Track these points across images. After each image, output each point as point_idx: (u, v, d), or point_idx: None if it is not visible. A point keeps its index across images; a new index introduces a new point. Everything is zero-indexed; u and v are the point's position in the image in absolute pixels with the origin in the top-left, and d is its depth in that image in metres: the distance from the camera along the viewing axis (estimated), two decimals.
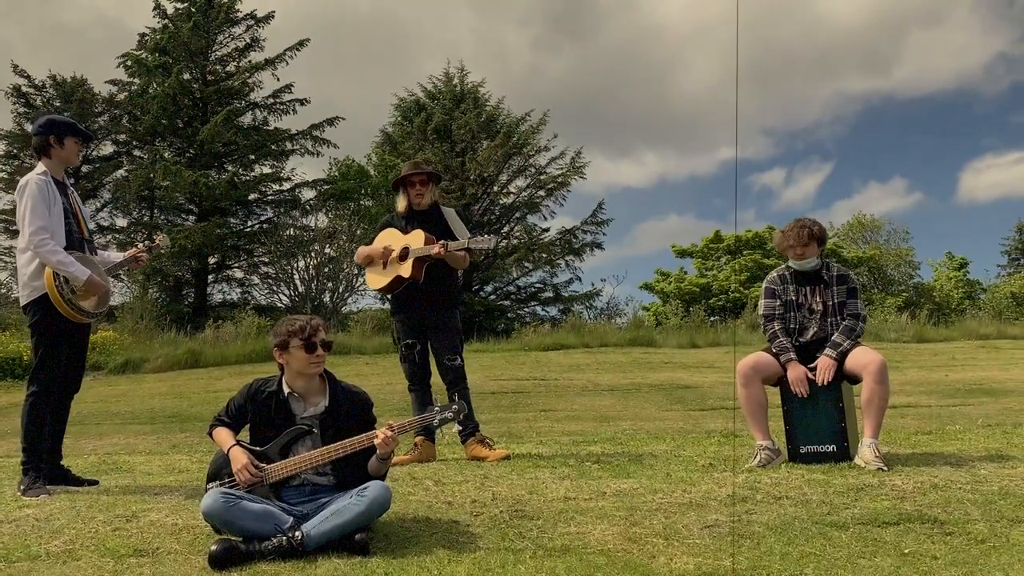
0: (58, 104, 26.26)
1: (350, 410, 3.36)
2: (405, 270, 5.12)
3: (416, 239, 5.15)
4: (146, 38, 26.90)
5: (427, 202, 5.30)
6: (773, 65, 53.00)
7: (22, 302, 4.47)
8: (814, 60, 52.56)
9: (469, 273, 24.66)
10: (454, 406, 3.38)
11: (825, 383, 4.44)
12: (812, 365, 4.51)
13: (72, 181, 4.69)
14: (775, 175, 53.96)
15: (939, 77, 51.69)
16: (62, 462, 4.60)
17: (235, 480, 3.20)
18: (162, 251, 5.10)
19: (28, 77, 26.63)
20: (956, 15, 51.89)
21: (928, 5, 52.85)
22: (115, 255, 4.92)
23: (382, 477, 3.35)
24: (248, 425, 3.41)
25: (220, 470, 3.29)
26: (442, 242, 5.04)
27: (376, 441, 3.20)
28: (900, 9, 52.93)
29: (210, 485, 3.26)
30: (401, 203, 5.35)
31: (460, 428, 5.13)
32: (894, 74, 50.79)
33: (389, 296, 5.37)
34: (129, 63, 26.71)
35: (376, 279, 5.28)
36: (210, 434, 3.43)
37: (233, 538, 2.97)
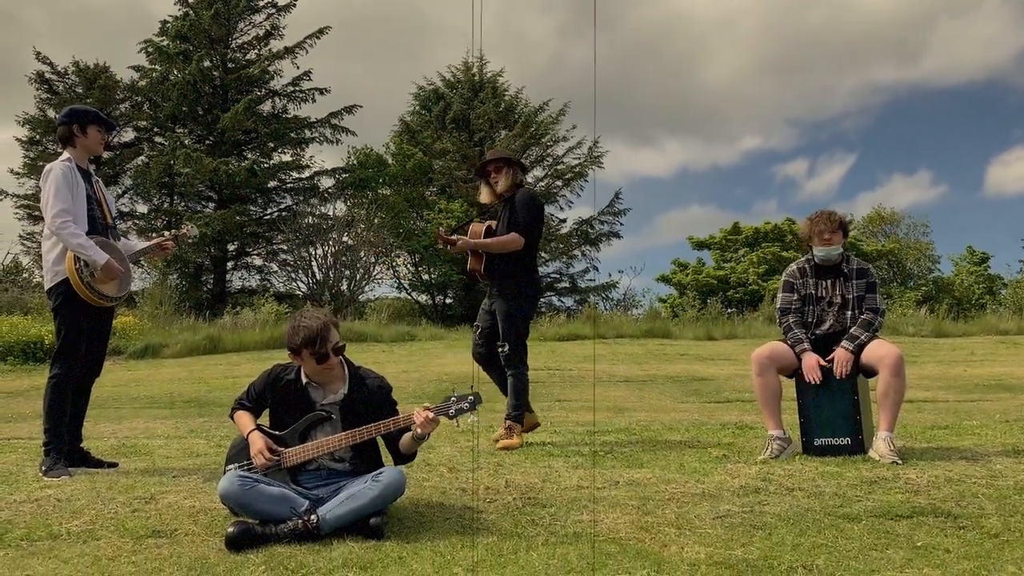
0: (80, 91, 26.47)
1: (370, 396, 3.39)
2: (469, 261, 5.33)
3: (477, 229, 5.35)
4: (167, 25, 27.06)
5: (504, 187, 5.36)
6: (800, 54, 52.56)
7: (46, 286, 4.54)
8: (842, 49, 51.96)
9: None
10: (470, 397, 3.39)
11: (843, 376, 4.43)
12: (829, 357, 4.50)
13: (94, 167, 4.75)
14: (798, 166, 53.57)
15: (969, 68, 50.93)
16: (82, 444, 4.67)
17: (252, 464, 3.25)
18: (189, 240, 5.15)
19: (51, 64, 26.87)
20: (987, 5, 51.11)
21: None
22: (140, 243, 4.98)
23: (412, 456, 3.39)
24: (268, 410, 3.46)
25: (239, 455, 3.34)
26: (452, 237, 5.25)
27: (418, 420, 3.22)
28: None
29: (228, 467, 3.31)
30: (483, 192, 5.48)
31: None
32: (923, 64, 50.11)
33: None
34: (150, 50, 26.89)
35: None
36: (231, 416, 3.48)
37: (249, 521, 3.01)
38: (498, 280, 5.27)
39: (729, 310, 24.83)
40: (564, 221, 28.59)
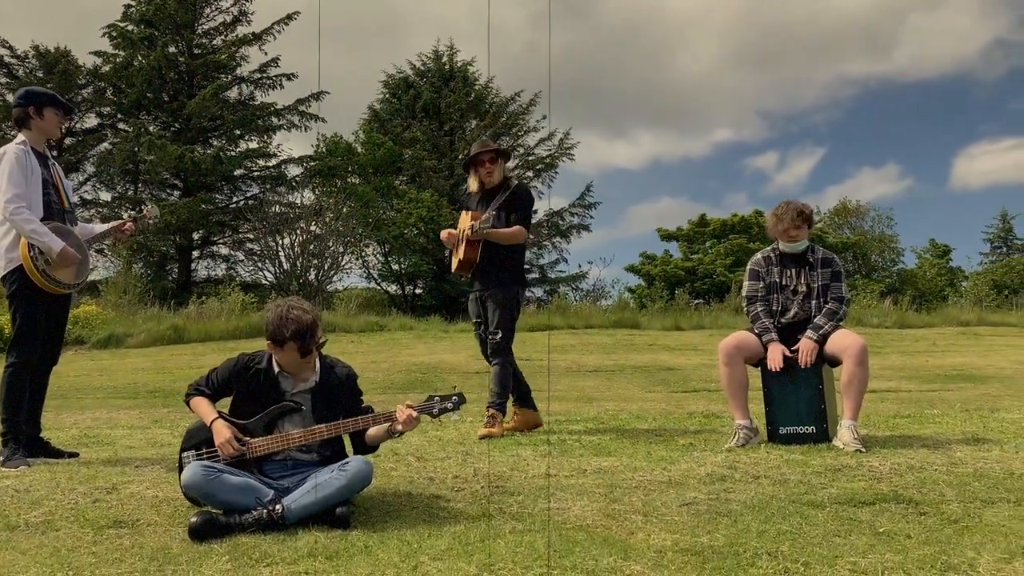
0: (40, 75, 25.93)
1: (339, 384, 3.36)
2: (461, 252, 5.30)
3: (467, 222, 5.30)
4: (131, 9, 26.58)
5: (497, 179, 5.38)
6: (773, 47, 52.94)
7: (0, 273, 4.43)
8: (815, 42, 52.45)
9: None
10: (454, 397, 3.38)
11: (807, 365, 4.47)
12: (794, 347, 4.54)
13: (55, 154, 4.64)
14: (768, 158, 54.09)
15: (938, 62, 51.69)
16: (41, 434, 4.58)
17: (214, 452, 3.20)
18: (149, 221, 5.06)
19: (10, 47, 26.30)
20: None
21: None
22: (98, 226, 4.88)
23: (374, 448, 3.38)
24: (231, 398, 3.40)
25: (197, 441, 3.28)
26: (470, 224, 5.19)
27: (400, 419, 3.22)
28: None
29: (186, 455, 3.25)
30: (472, 183, 5.48)
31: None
32: (893, 58, 50.76)
33: None
34: (114, 35, 26.39)
35: (453, 263, 5.49)
36: (187, 402, 3.41)
37: (213, 510, 2.97)
38: (494, 271, 5.29)
39: (696, 301, 25.02)
40: (535, 212, 28.56)
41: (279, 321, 3.21)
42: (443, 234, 5.58)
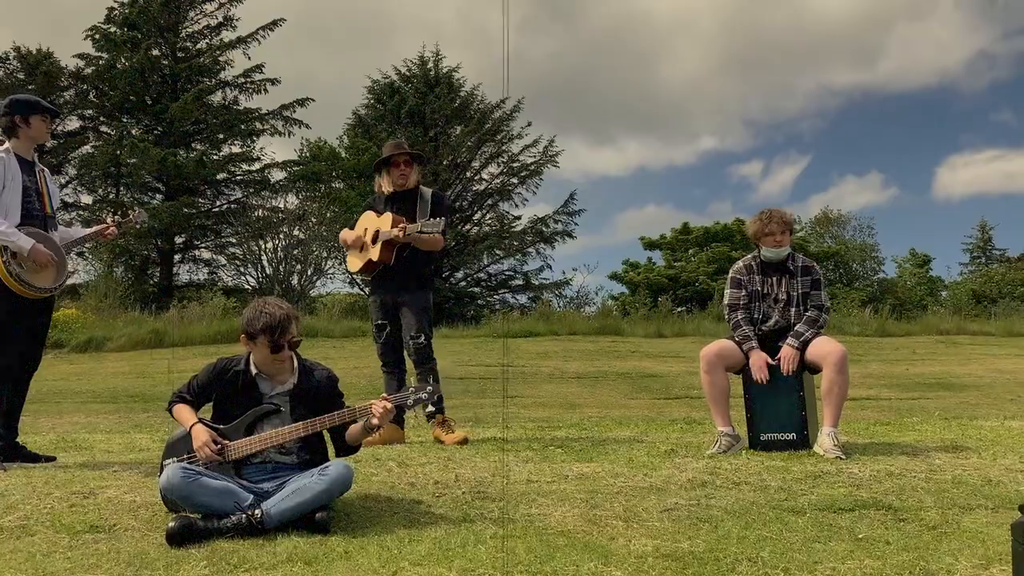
0: (22, 77, 25.71)
1: (318, 386, 3.35)
2: (375, 253, 5.16)
3: (385, 222, 5.16)
4: (115, 12, 26.42)
5: (412, 183, 5.30)
6: (759, 55, 53.28)
7: None
8: (800, 51, 52.86)
9: (440, 258, 24.56)
10: (428, 387, 3.38)
11: (789, 372, 4.49)
12: (776, 358, 4.56)
13: (36, 155, 4.61)
14: (753, 167, 54.47)
15: (922, 72, 52.20)
16: (18, 439, 4.52)
17: (195, 456, 3.17)
18: (136, 226, 5.01)
19: None
20: (941, 10, 52.38)
21: None
22: (80, 230, 4.84)
23: (356, 448, 3.37)
24: (212, 403, 3.38)
25: (177, 450, 3.26)
26: (401, 225, 5.06)
27: (376, 411, 3.21)
28: (888, 1, 53.08)
29: (167, 462, 3.23)
30: (384, 184, 5.35)
31: (432, 409, 5.15)
32: (879, 68, 51.21)
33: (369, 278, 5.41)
34: (97, 37, 26.22)
35: (354, 262, 5.34)
36: (169, 410, 3.39)
37: (192, 515, 2.94)
38: (408, 276, 5.19)
39: (679, 308, 25.10)
40: (519, 219, 28.56)
41: (253, 314, 3.25)
42: (344, 234, 5.34)
